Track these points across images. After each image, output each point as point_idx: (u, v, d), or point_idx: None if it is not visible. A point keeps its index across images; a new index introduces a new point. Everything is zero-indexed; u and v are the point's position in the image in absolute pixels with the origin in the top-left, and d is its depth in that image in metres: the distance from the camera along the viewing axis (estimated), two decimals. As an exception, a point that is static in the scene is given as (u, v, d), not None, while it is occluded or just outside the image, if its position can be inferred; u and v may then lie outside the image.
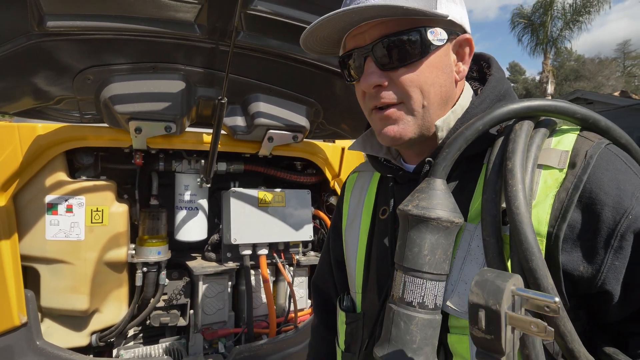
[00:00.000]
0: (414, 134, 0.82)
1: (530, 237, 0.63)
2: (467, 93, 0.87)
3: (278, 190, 2.30)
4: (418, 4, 0.74)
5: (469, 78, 0.96)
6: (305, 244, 2.45)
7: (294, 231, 2.29)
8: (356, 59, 0.82)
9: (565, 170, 0.70)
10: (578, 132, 0.75)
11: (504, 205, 0.68)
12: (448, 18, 0.77)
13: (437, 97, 0.80)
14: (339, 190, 2.41)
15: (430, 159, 0.79)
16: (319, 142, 2.39)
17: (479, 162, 0.80)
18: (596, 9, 20.12)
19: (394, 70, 0.78)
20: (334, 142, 2.46)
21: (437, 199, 0.71)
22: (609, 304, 0.70)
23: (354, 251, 1.00)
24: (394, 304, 0.72)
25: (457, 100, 0.85)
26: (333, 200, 2.46)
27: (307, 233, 2.33)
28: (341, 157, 2.40)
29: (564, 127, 0.78)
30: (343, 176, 2.40)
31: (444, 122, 0.81)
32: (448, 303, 0.73)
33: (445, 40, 0.79)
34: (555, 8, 20.74)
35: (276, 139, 2.04)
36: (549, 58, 21.71)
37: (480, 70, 0.96)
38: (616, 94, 16.38)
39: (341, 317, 1.03)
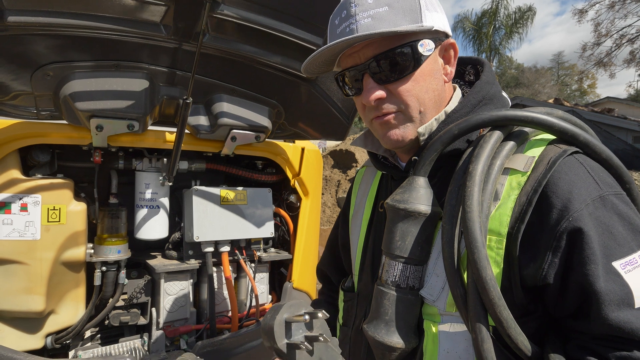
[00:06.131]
0: (414, 136, 0.89)
1: (476, 233, 0.70)
2: (455, 98, 0.94)
3: (240, 188, 2.35)
4: (406, 23, 0.80)
5: (467, 82, 1.03)
6: (266, 240, 2.51)
7: (255, 228, 2.35)
8: (354, 76, 0.88)
9: (528, 174, 0.76)
10: (549, 142, 0.80)
11: None
12: (434, 29, 0.83)
13: (432, 101, 0.88)
14: (299, 189, 2.49)
15: (415, 157, 0.88)
16: (280, 142, 2.46)
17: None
18: (529, 22, 21.85)
19: (391, 83, 0.85)
20: (294, 142, 2.54)
21: (414, 193, 0.82)
22: (550, 296, 0.76)
23: (356, 239, 1.11)
24: (377, 284, 0.86)
25: (447, 104, 0.92)
26: (293, 198, 2.54)
27: (268, 230, 2.39)
28: (301, 156, 2.48)
29: (544, 137, 0.83)
30: (303, 175, 2.48)
31: (426, 129, 0.89)
32: (421, 292, 0.83)
33: (433, 49, 0.85)
34: (498, 18, 22.12)
35: (239, 138, 2.09)
36: (492, 65, 23.08)
37: (477, 73, 1.02)
38: (550, 101, 17.66)
39: (340, 295, 1.16)
